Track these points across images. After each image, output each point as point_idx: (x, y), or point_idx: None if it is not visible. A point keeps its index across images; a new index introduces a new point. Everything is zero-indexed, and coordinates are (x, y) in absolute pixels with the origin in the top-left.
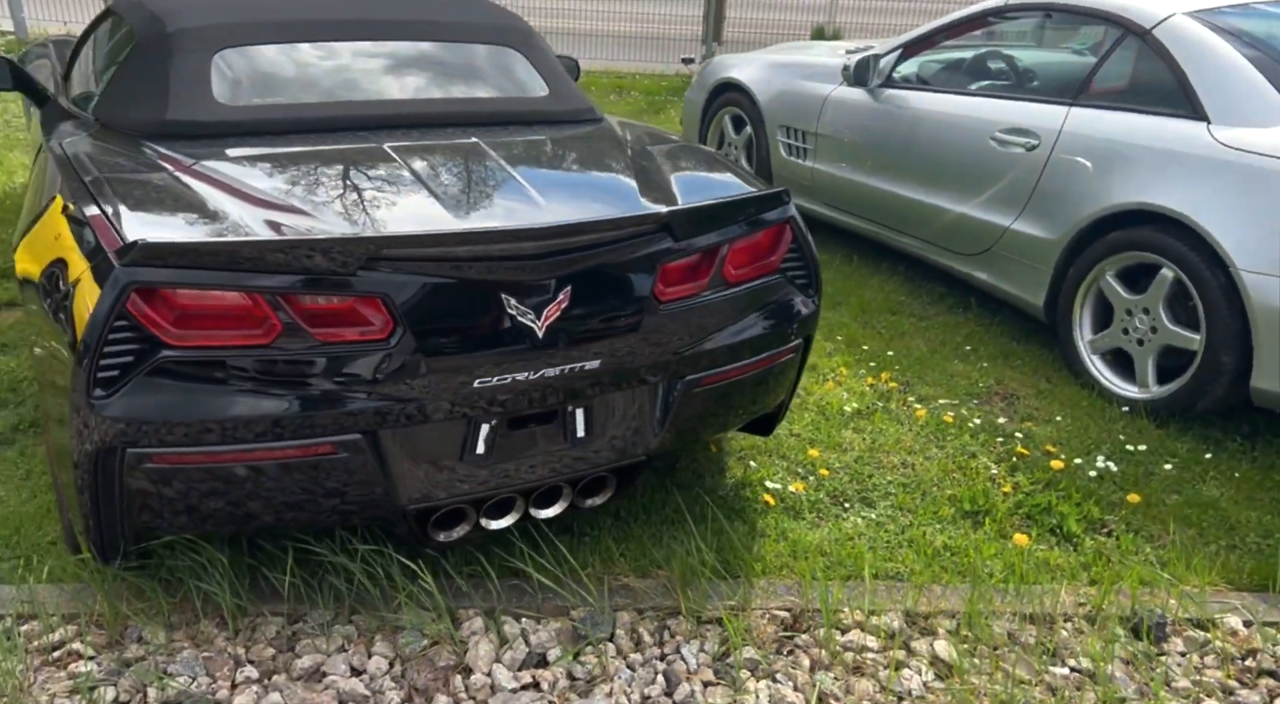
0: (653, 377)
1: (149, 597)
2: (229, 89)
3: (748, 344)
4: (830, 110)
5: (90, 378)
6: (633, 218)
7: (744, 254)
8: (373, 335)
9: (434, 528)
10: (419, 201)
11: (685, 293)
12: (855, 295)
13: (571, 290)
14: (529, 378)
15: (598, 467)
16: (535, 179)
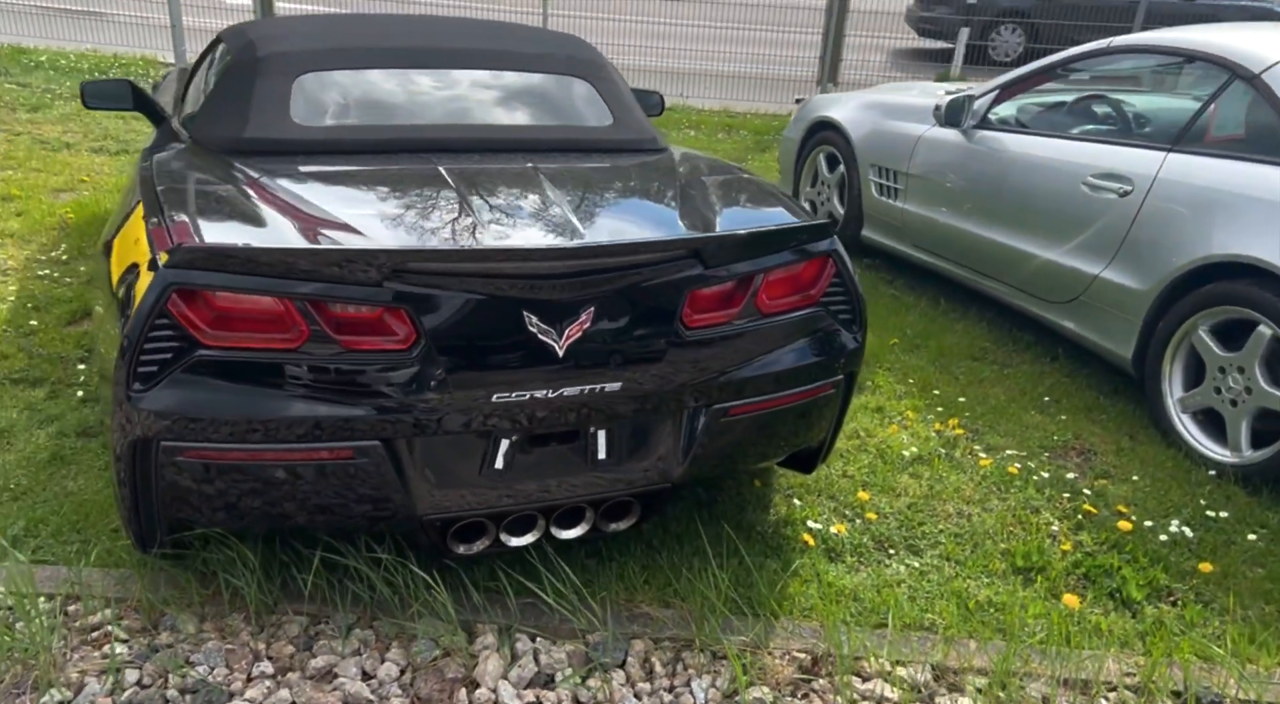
0: (678, 403)
1: (184, 587)
2: (306, 110)
3: (782, 376)
4: (922, 151)
5: (130, 372)
6: (659, 242)
7: (781, 285)
8: (395, 345)
9: (454, 540)
10: (457, 220)
11: (715, 321)
12: (936, 339)
13: (594, 311)
14: (548, 396)
15: (620, 490)
16: (576, 203)
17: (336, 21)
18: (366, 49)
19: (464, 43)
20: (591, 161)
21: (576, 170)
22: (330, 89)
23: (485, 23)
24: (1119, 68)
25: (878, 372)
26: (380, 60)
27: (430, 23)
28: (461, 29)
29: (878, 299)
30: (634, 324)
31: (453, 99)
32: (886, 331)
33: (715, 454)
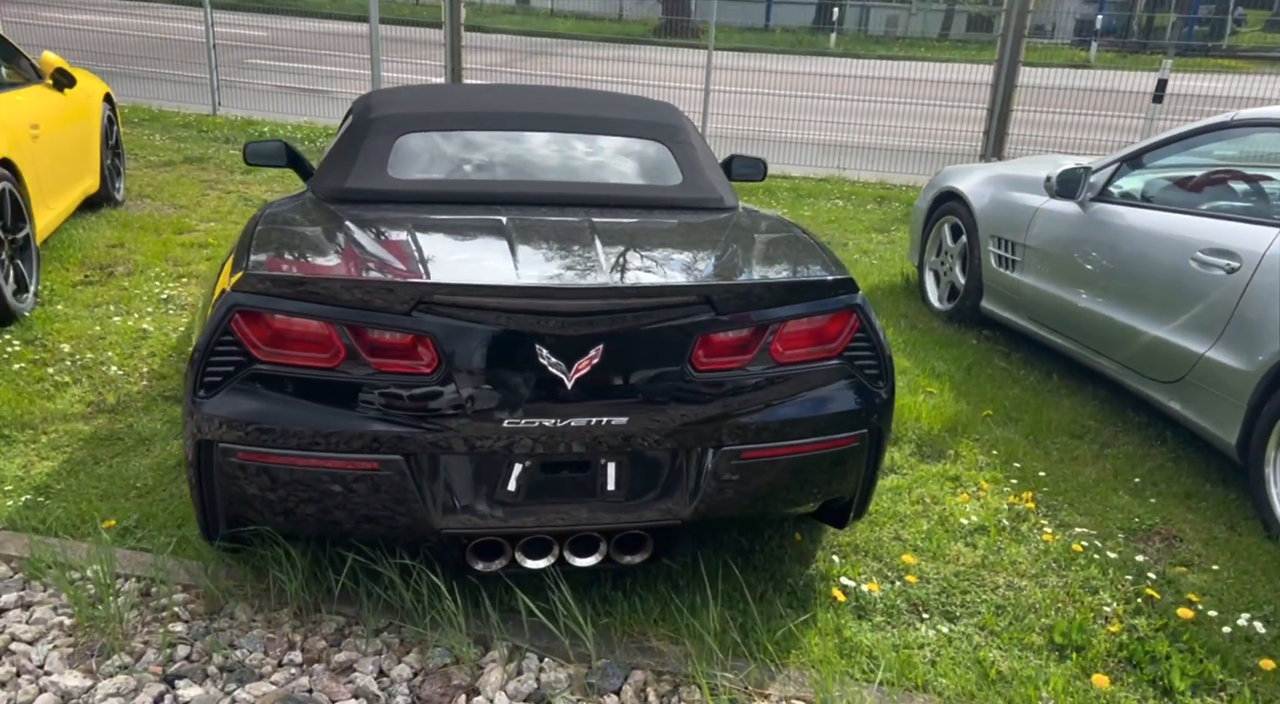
0: (686, 442)
1: (241, 580)
2: (401, 166)
3: (797, 425)
4: (1039, 222)
5: (197, 381)
6: (668, 287)
7: (799, 336)
8: (420, 369)
9: (473, 556)
10: (497, 262)
11: (726, 365)
12: (1037, 414)
13: (604, 348)
14: (555, 425)
15: (628, 523)
16: (615, 251)
17: (446, 90)
18: (464, 114)
19: (552, 108)
20: (648, 217)
21: (628, 224)
22: (426, 148)
23: (577, 91)
24: (1242, 143)
25: (962, 441)
26: (474, 123)
27: (527, 91)
28: (553, 96)
29: (985, 370)
30: (643, 363)
31: (531, 158)
32: (983, 402)
33: (726, 496)
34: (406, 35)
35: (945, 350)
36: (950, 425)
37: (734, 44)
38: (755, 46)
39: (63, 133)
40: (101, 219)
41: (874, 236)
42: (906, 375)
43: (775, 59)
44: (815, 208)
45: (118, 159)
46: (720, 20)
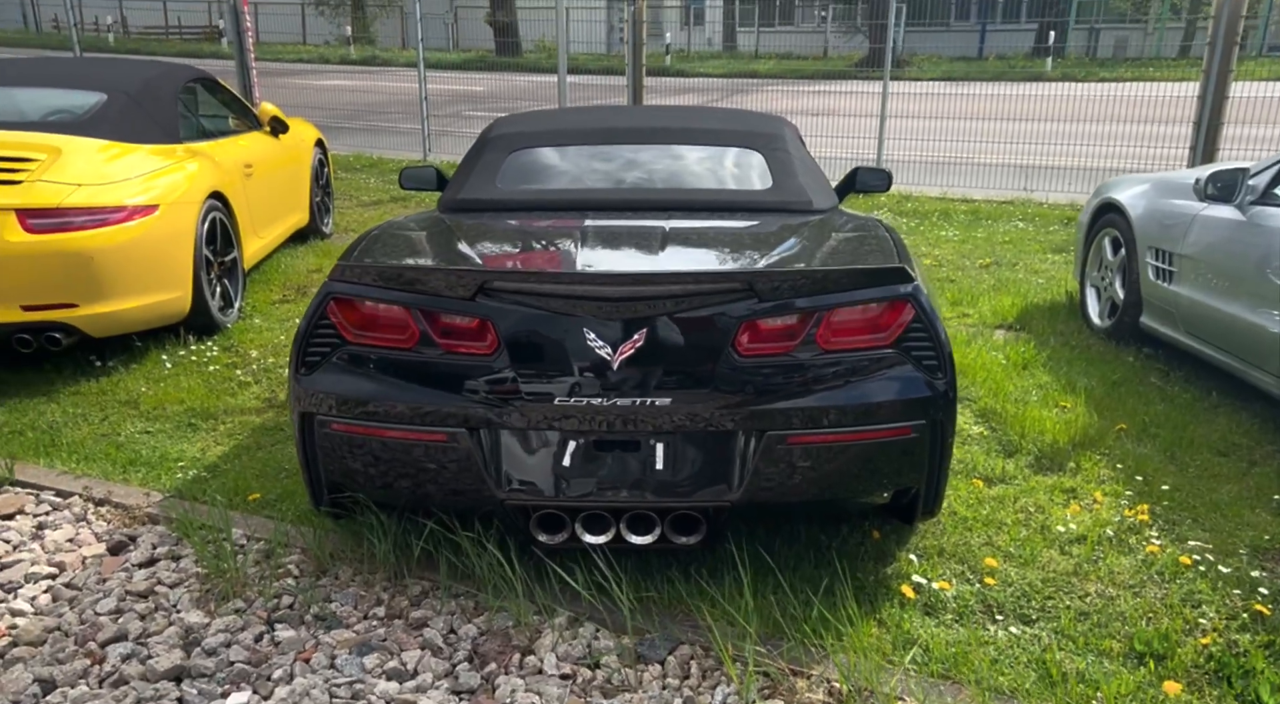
0: (730, 424)
1: (342, 545)
2: (510, 178)
3: (846, 412)
4: (1197, 230)
5: (299, 360)
6: (708, 273)
7: (847, 325)
8: (482, 351)
9: (536, 528)
10: (562, 255)
11: (770, 351)
12: (1180, 430)
13: (647, 332)
14: (603, 404)
15: (678, 502)
16: (681, 247)
17: (562, 113)
18: (572, 131)
19: (655, 123)
20: (729, 219)
21: (705, 224)
22: (533, 162)
23: (684, 107)
24: None
25: (1087, 455)
26: (580, 139)
27: (636, 110)
28: (660, 113)
29: (1134, 387)
30: (686, 347)
31: (627, 168)
32: (1117, 416)
33: (775, 481)
34: (601, 83)
35: (1094, 366)
36: (1078, 439)
37: (938, 73)
38: (959, 75)
39: (274, 172)
40: (309, 249)
41: (1050, 257)
42: (1042, 389)
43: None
44: (991, 229)
45: (327, 197)
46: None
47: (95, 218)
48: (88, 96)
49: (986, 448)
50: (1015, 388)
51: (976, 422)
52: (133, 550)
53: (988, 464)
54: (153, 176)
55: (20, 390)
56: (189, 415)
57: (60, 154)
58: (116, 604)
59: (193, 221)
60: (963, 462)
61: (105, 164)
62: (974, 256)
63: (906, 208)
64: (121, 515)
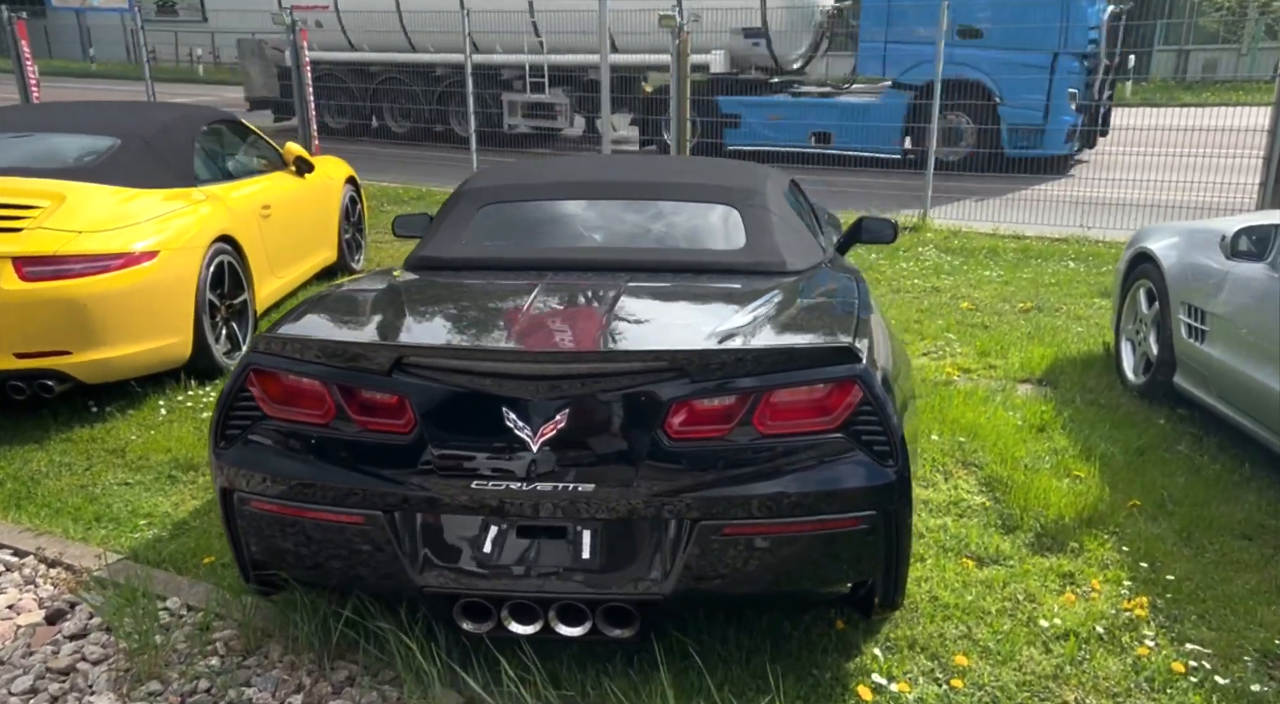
0: (660, 512)
1: (273, 623)
2: (475, 235)
3: (786, 502)
4: (1229, 287)
5: (217, 433)
6: (635, 352)
7: (788, 407)
8: (399, 429)
9: (461, 615)
10: (496, 326)
11: (704, 434)
12: (1201, 508)
13: (570, 413)
14: (523, 489)
15: (607, 595)
16: (627, 316)
17: (539, 166)
18: (546, 185)
19: (633, 177)
20: (692, 281)
21: (664, 288)
22: (502, 219)
23: (664, 158)
24: None
25: (1092, 534)
26: (555, 194)
27: (614, 162)
28: (637, 165)
29: (1158, 455)
30: (611, 430)
31: (596, 226)
32: (1134, 489)
33: (711, 572)
34: None
35: (1120, 430)
36: (1085, 515)
37: None
38: None
39: (297, 212)
40: None
41: (1096, 302)
42: (1057, 455)
43: None
44: (1039, 270)
45: (359, 233)
46: None
47: (93, 265)
48: (101, 141)
49: (985, 521)
50: (1027, 453)
51: (980, 490)
52: (69, 619)
53: (982, 541)
54: (156, 222)
55: (14, 437)
56: (172, 466)
57: (64, 200)
58: (33, 682)
59: (195, 267)
60: (956, 537)
61: (108, 211)
62: (1015, 300)
63: (953, 244)
64: (70, 579)
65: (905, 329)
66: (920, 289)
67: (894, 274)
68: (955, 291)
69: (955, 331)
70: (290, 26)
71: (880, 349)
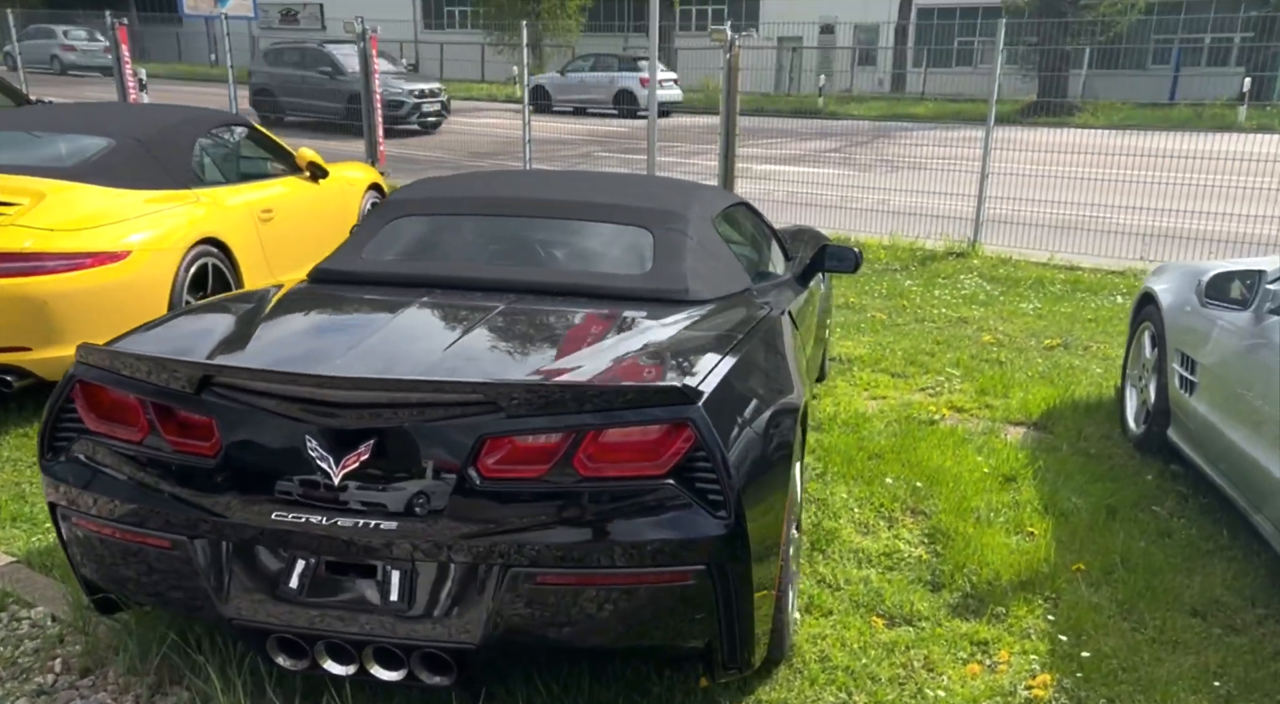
0: (468, 556)
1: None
2: (376, 249)
3: (604, 551)
4: (1215, 337)
5: (44, 445)
6: (445, 382)
7: (612, 449)
8: (205, 452)
9: (275, 650)
10: (329, 348)
11: (517, 474)
12: (1154, 577)
13: (375, 445)
14: (323, 523)
15: (417, 640)
16: (476, 343)
17: (464, 179)
18: (464, 199)
19: (552, 194)
20: (574, 307)
21: (537, 315)
22: (407, 232)
23: (597, 175)
24: None
25: (1025, 599)
26: (468, 208)
27: (537, 178)
28: (564, 181)
29: (1130, 515)
30: (418, 465)
31: (498, 244)
32: (1089, 551)
33: (523, 623)
34: None
35: (1098, 484)
36: (1023, 577)
37: (1110, 121)
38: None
39: (306, 216)
40: None
41: None
42: (1017, 509)
43: (1147, 136)
44: (1081, 304)
45: None
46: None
47: (60, 263)
48: (96, 142)
49: (914, 577)
50: (985, 504)
51: (921, 542)
52: None
53: (901, 599)
54: (132, 223)
55: None
56: None
57: (43, 199)
58: None
59: (171, 268)
60: (875, 592)
61: (85, 210)
62: (1044, 335)
63: (998, 273)
64: None
65: (911, 362)
66: (946, 319)
67: (923, 302)
68: (982, 324)
69: (964, 367)
70: (360, 35)
71: (738, 392)
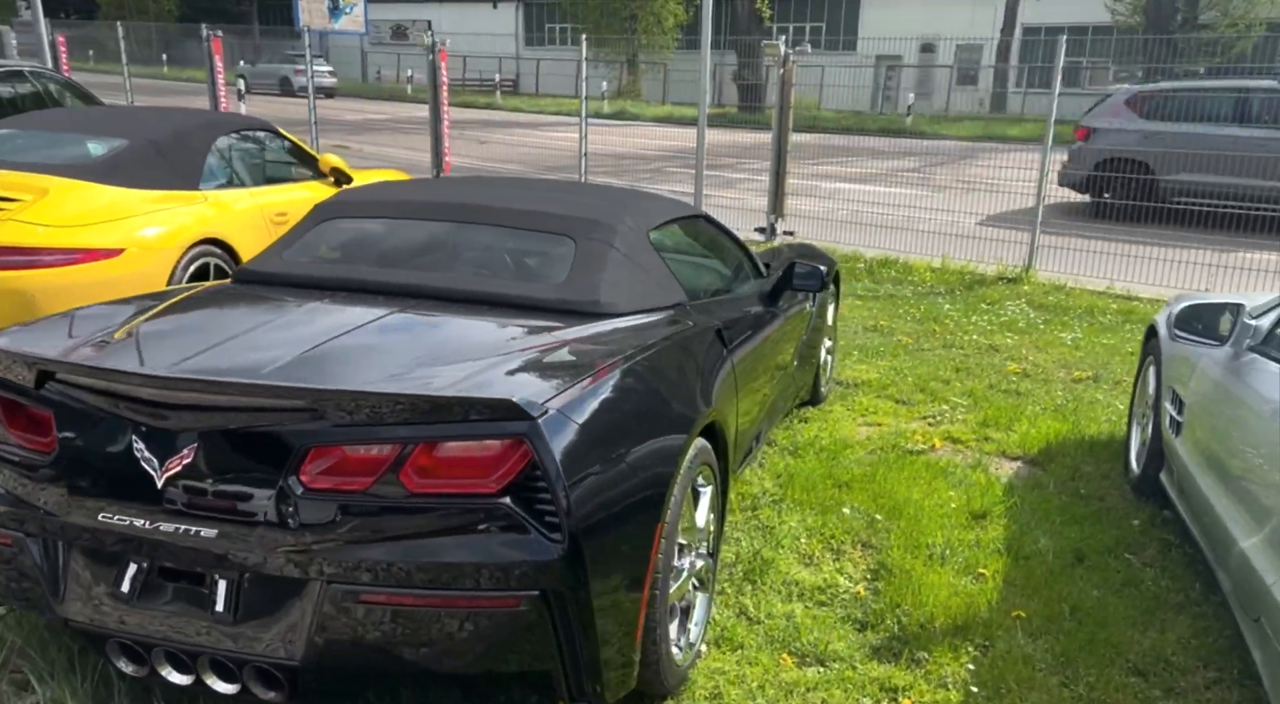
0: (288, 570)
1: None
2: (298, 250)
3: (429, 571)
4: (1198, 374)
5: None
6: (269, 388)
7: (440, 464)
8: (43, 448)
9: (116, 654)
10: (202, 345)
11: (342, 487)
12: (1105, 629)
13: (198, 448)
14: (146, 527)
15: (241, 654)
16: (345, 348)
17: (409, 182)
18: (394, 202)
19: (484, 200)
20: (469, 317)
21: (421, 323)
22: (332, 234)
23: (538, 181)
24: None
25: (952, 644)
26: (395, 212)
27: (478, 183)
28: (499, 187)
29: (1099, 562)
30: (242, 471)
31: (415, 249)
32: (1033, 600)
33: (346, 642)
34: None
35: (1074, 527)
36: (959, 622)
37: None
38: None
39: None
40: None
41: None
42: (977, 548)
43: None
44: (1126, 336)
45: None
46: None
47: (57, 257)
48: (110, 142)
49: (843, 615)
50: (943, 541)
51: (863, 578)
52: None
53: (819, 637)
54: (130, 221)
55: None
56: None
57: (46, 194)
58: None
59: (167, 267)
60: (794, 627)
61: (85, 207)
62: (1077, 367)
63: (1048, 301)
64: None
65: (921, 389)
66: (975, 346)
67: (957, 328)
68: (1013, 352)
69: (975, 396)
70: (430, 47)
71: (601, 410)
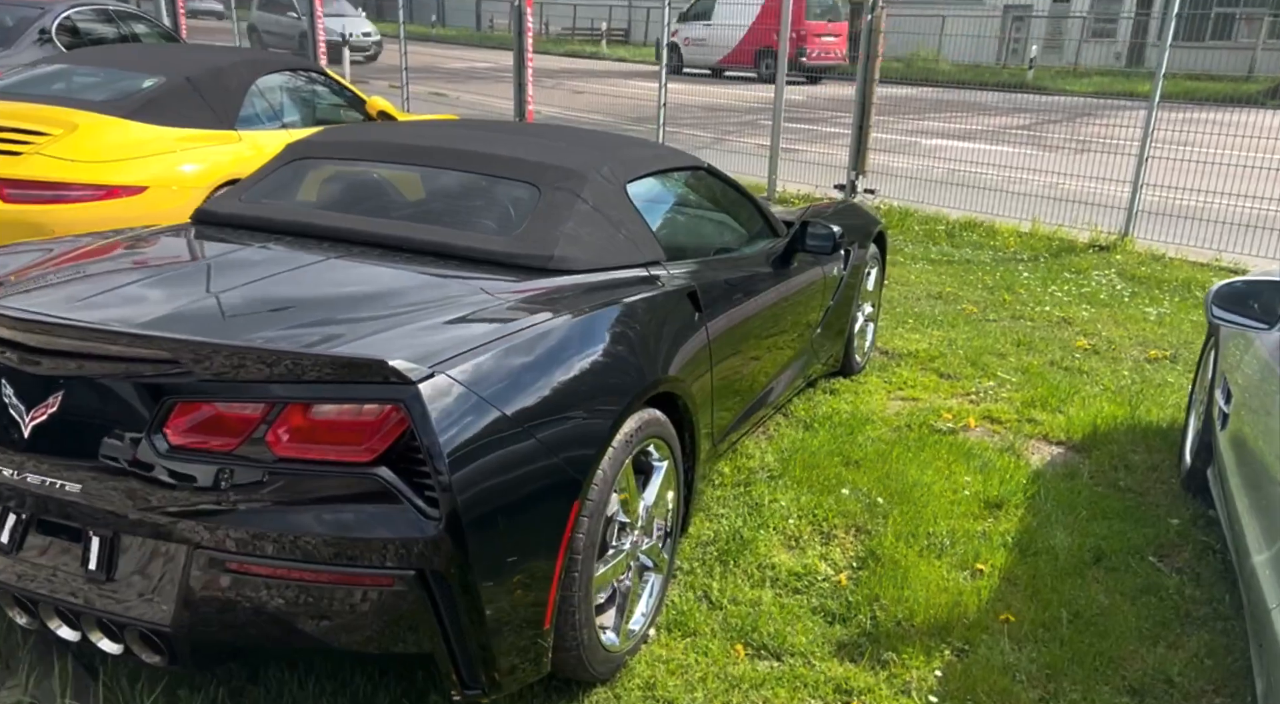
0: (153, 531)
1: None
2: (260, 191)
3: (294, 541)
4: (1246, 361)
5: None
6: (129, 336)
7: (310, 427)
8: None
9: (10, 605)
10: (109, 289)
11: (206, 446)
12: (1105, 640)
13: (63, 396)
14: (13, 477)
15: (112, 614)
16: (254, 296)
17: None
18: (365, 143)
19: (457, 144)
20: (406, 266)
21: (354, 269)
22: (300, 176)
23: (515, 125)
24: None
25: (927, 646)
26: (364, 154)
27: (458, 127)
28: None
29: (1119, 563)
30: (107, 423)
31: (372, 194)
32: (1030, 603)
33: (215, 611)
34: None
35: (1101, 522)
36: (940, 622)
37: None
38: None
39: None
40: None
41: None
42: (982, 540)
43: None
44: (1181, 306)
45: None
46: None
47: (78, 193)
48: (147, 79)
49: (813, 605)
50: (946, 531)
51: (848, 566)
52: None
53: (781, 630)
54: (156, 159)
55: None
56: None
57: (75, 129)
58: None
59: (191, 206)
60: (755, 616)
61: (111, 143)
62: (1155, 345)
63: (1141, 272)
64: None
65: (972, 362)
66: (1046, 318)
67: (1030, 298)
68: (1087, 327)
69: (1030, 373)
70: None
71: (506, 374)
